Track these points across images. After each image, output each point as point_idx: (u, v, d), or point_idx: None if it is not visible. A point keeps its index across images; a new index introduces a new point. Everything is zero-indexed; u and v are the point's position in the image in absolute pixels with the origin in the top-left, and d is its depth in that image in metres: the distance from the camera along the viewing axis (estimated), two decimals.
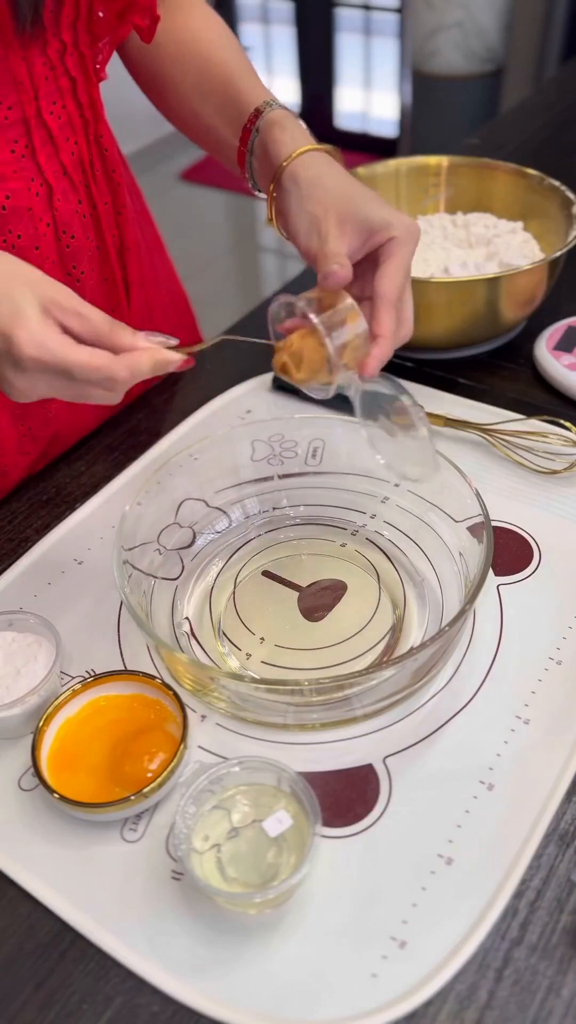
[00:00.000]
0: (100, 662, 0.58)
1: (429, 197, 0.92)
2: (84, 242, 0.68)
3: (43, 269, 0.63)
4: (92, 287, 0.71)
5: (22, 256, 0.61)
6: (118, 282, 0.74)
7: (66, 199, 0.65)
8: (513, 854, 0.46)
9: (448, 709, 0.53)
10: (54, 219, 0.65)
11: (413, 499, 0.64)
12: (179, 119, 0.71)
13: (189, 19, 0.70)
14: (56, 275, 0.66)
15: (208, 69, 0.67)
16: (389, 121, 3.34)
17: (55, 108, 0.62)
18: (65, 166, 0.64)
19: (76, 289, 0.69)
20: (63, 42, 0.60)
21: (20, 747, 0.53)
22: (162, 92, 0.72)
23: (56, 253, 0.66)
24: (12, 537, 0.68)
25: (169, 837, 0.48)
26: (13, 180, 0.61)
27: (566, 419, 0.72)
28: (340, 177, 0.58)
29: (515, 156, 1.19)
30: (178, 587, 0.63)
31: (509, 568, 0.62)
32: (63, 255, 0.67)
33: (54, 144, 0.63)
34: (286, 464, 0.68)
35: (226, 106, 0.65)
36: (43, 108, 0.61)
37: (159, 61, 0.70)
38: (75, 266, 0.68)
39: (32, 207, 0.63)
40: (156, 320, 0.83)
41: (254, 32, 3.55)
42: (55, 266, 0.66)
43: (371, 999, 0.42)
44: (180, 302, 0.90)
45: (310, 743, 0.52)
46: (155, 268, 0.83)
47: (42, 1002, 0.43)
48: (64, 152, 0.64)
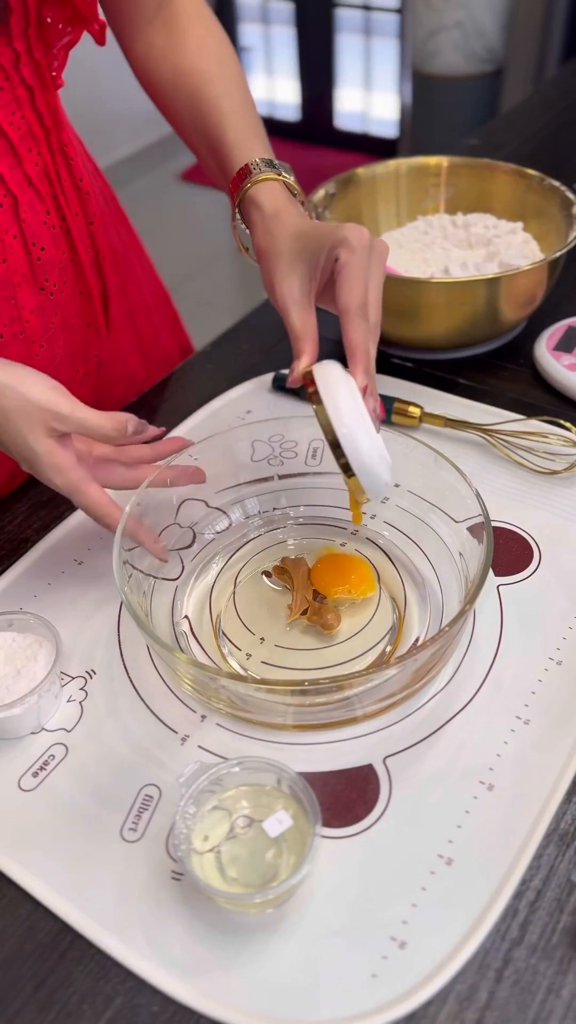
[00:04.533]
0: (100, 662, 0.58)
1: (429, 197, 0.92)
2: (55, 254, 0.67)
3: (12, 282, 0.64)
4: (66, 300, 0.71)
5: None
6: (94, 294, 0.73)
7: (33, 210, 0.64)
8: (513, 854, 0.46)
9: (448, 709, 0.53)
10: (21, 231, 0.64)
11: (413, 499, 0.64)
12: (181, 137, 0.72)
13: (186, 42, 0.69)
14: (28, 288, 0.66)
15: (201, 107, 0.67)
16: (389, 121, 3.34)
17: (14, 119, 0.61)
18: (30, 177, 0.64)
19: (49, 303, 0.68)
20: (16, 51, 0.60)
21: (20, 747, 0.53)
22: (163, 113, 0.72)
23: (26, 266, 0.65)
24: (12, 537, 0.68)
25: (169, 837, 0.48)
26: None
27: (566, 419, 0.72)
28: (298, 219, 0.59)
29: (515, 156, 1.19)
30: (178, 587, 0.62)
31: (509, 568, 0.62)
32: (34, 267, 0.66)
33: (16, 155, 0.62)
34: (286, 464, 0.68)
35: (216, 154, 0.66)
36: (1, 119, 0.60)
37: (159, 85, 0.70)
38: (47, 279, 0.67)
39: None
40: (139, 324, 0.83)
41: (254, 32, 3.54)
42: (26, 279, 0.66)
43: (371, 999, 0.42)
44: (162, 303, 0.90)
45: (310, 743, 0.52)
46: (135, 273, 0.83)
47: (42, 1002, 0.43)
48: (27, 163, 0.63)
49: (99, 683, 0.56)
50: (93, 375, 0.78)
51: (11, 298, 0.65)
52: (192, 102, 0.67)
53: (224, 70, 0.69)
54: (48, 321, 0.69)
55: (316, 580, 0.60)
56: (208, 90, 0.67)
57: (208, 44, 0.70)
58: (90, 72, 2.37)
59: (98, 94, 2.83)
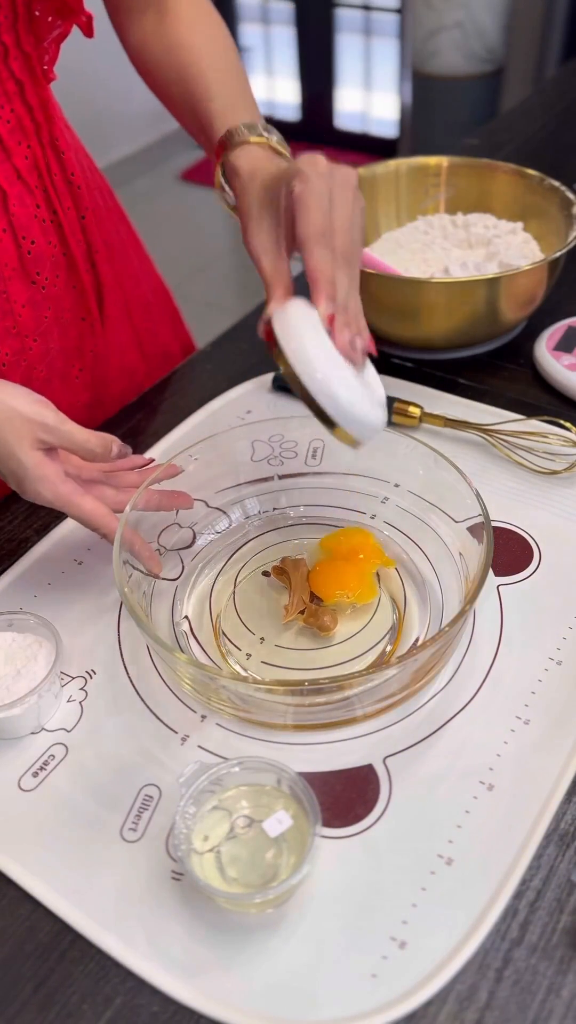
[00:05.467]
0: (100, 662, 0.58)
1: (429, 197, 0.92)
2: (46, 247, 0.67)
3: (2, 276, 0.63)
4: (58, 294, 0.71)
5: None
6: (87, 288, 0.73)
7: (22, 203, 0.64)
8: (513, 854, 0.46)
9: (448, 709, 0.53)
10: (11, 224, 0.64)
11: (413, 499, 0.64)
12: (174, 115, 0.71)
13: (178, 21, 0.69)
14: (19, 282, 0.66)
15: (188, 80, 0.66)
16: (389, 121, 3.34)
17: (3, 112, 0.61)
18: (19, 170, 0.64)
19: (41, 297, 0.68)
20: (4, 44, 0.60)
21: (20, 747, 0.53)
22: (159, 96, 0.72)
23: (16, 259, 0.65)
24: (12, 537, 0.68)
25: (169, 837, 0.48)
26: None
27: (566, 419, 0.72)
28: None
29: (515, 156, 1.19)
30: (178, 587, 0.62)
31: (509, 568, 0.62)
32: (24, 261, 0.66)
33: (5, 149, 0.62)
34: (286, 464, 0.68)
35: (202, 125, 0.65)
36: None
37: (152, 66, 0.70)
38: (39, 272, 0.67)
39: None
40: (136, 319, 0.83)
41: (254, 32, 3.54)
42: (16, 272, 0.66)
43: (371, 999, 0.42)
44: (162, 299, 0.90)
45: (310, 743, 0.52)
46: (131, 267, 0.82)
47: (42, 1002, 0.43)
48: (17, 156, 0.63)
49: (99, 683, 0.56)
50: (89, 370, 0.78)
51: (2, 291, 0.65)
52: (180, 75, 0.67)
53: (213, 44, 0.68)
54: (40, 315, 0.69)
55: (315, 583, 0.60)
56: (196, 61, 0.66)
57: (198, 21, 0.69)
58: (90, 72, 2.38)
59: (98, 94, 2.83)
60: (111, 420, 0.79)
